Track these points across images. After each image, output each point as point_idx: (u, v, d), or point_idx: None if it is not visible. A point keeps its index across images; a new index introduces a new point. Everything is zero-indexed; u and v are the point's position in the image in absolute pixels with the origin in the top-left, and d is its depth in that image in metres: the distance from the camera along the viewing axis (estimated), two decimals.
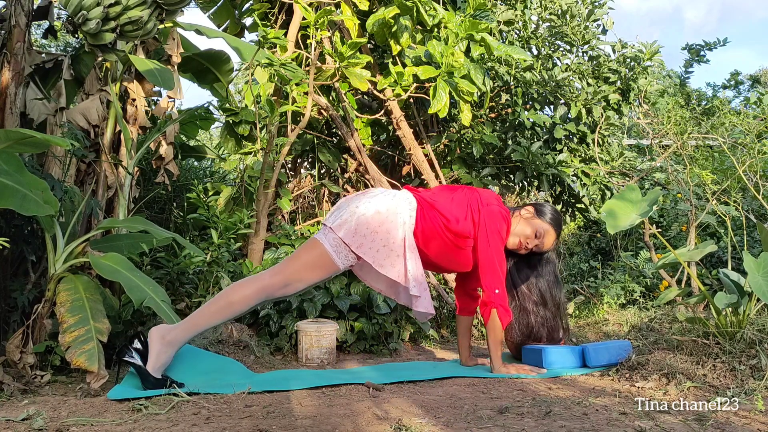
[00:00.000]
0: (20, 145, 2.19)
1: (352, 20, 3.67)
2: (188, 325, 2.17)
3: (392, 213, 2.29)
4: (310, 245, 2.30)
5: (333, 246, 2.26)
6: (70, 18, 2.36)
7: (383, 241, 2.26)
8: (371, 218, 2.26)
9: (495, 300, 2.37)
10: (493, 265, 2.37)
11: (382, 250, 2.26)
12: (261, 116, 3.64)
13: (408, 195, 2.39)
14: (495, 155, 4.52)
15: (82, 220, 3.01)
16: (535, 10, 4.57)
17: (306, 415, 1.69)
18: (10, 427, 1.61)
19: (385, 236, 2.26)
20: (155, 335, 2.13)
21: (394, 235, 2.28)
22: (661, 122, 4.23)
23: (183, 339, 2.17)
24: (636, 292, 4.26)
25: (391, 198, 2.35)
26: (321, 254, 2.26)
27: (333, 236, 2.26)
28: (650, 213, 2.36)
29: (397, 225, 2.29)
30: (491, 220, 2.38)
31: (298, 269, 2.25)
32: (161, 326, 2.16)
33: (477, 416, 1.69)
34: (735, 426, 1.54)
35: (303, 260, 2.27)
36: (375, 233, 2.25)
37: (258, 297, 2.22)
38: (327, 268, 2.27)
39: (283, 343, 3.00)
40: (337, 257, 2.26)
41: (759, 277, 2.09)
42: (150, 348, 2.11)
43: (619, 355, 2.37)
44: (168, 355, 2.13)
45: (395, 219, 2.29)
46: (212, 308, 2.19)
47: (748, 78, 13.56)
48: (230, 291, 2.22)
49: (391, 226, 2.28)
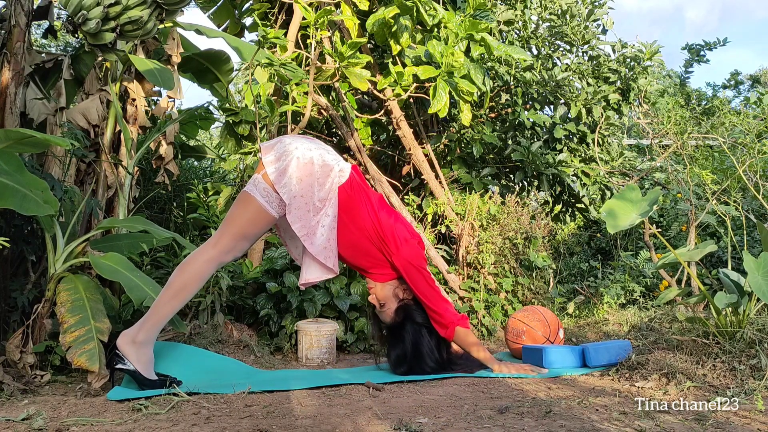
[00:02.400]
0: (20, 144, 2.19)
1: (352, 20, 3.67)
2: (153, 320, 2.14)
3: (325, 171, 2.22)
4: (242, 201, 2.23)
5: (264, 196, 2.20)
6: (70, 18, 2.36)
7: (302, 191, 2.19)
8: (303, 164, 2.19)
9: (451, 319, 2.38)
10: (432, 296, 2.36)
11: (298, 198, 2.18)
12: (261, 116, 3.64)
13: (345, 165, 2.31)
14: (495, 155, 4.52)
15: (82, 220, 3.01)
16: (535, 10, 4.57)
17: (306, 415, 1.69)
18: (10, 427, 1.61)
19: (307, 188, 2.19)
20: (124, 342, 2.10)
21: (315, 191, 2.20)
22: (661, 122, 4.22)
23: (153, 334, 2.15)
24: (636, 291, 4.26)
25: (332, 158, 2.28)
26: (255, 209, 2.20)
27: (264, 186, 2.20)
28: (650, 213, 2.36)
29: (324, 184, 2.22)
30: (413, 261, 2.34)
31: (239, 229, 2.21)
32: (124, 333, 2.13)
33: (477, 416, 1.69)
34: (735, 426, 1.54)
35: (241, 219, 2.22)
36: (300, 180, 2.19)
37: (209, 268, 2.20)
38: (264, 219, 2.22)
39: (283, 343, 3.00)
40: (269, 207, 2.20)
41: (759, 277, 2.09)
42: (126, 356, 2.09)
43: (619, 355, 2.37)
44: (148, 354, 2.12)
45: (325, 179, 2.21)
46: (169, 295, 2.15)
47: (748, 78, 13.56)
48: (180, 272, 2.18)
49: (318, 183, 2.20)
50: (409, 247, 2.35)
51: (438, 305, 2.38)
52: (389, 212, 2.39)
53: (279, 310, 3.10)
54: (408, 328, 2.41)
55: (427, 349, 2.41)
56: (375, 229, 2.31)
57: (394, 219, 2.38)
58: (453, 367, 2.44)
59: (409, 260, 2.34)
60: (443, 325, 2.39)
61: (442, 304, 2.39)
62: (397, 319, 2.42)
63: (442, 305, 2.38)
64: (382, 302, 2.42)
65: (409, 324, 2.41)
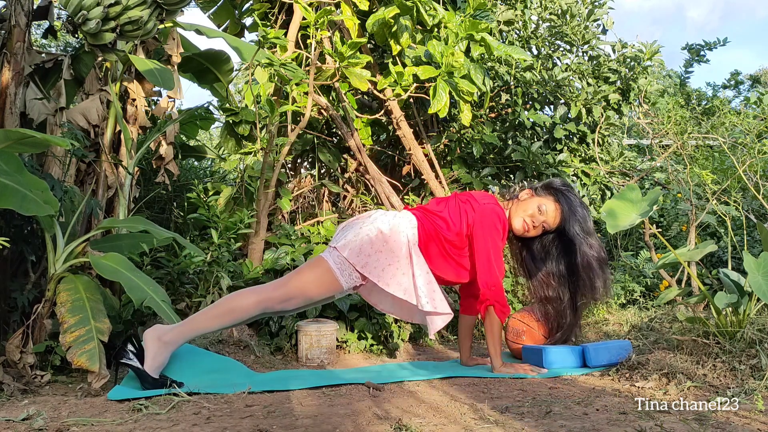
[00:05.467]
0: (20, 145, 2.19)
1: (352, 20, 3.67)
2: (186, 327, 2.16)
3: (395, 231, 2.31)
4: (314, 262, 2.31)
5: (337, 264, 2.27)
6: (70, 18, 2.36)
7: (388, 260, 2.27)
8: (375, 238, 2.27)
9: (491, 297, 2.36)
10: (488, 261, 2.35)
11: (387, 269, 2.26)
12: (261, 116, 3.64)
13: (407, 213, 2.42)
14: (495, 155, 4.52)
15: (82, 220, 3.01)
16: (535, 10, 4.57)
17: (306, 415, 1.69)
18: (10, 427, 1.61)
19: (389, 255, 2.27)
20: (151, 336, 2.12)
21: (398, 253, 2.29)
22: (661, 122, 4.22)
23: (180, 340, 2.17)
24: (636, 291, 4.26)
25: (392, 217, 2.37)
26: (325, 272, 2.27)
27: (337, 254, 2.27)
28: (650, 213, 2.36)
29: (400, 243, 2.30)
30: (486, 217, 2.37)
31: (301, 285, 2.25)
32: (156, 327, 2.16)
33: (477, 416, 1.69)
34: (735, 426, 1.54)
35: (306, 277, 2.27)
36: (379, 252, 2.27)
37: (258, 309, 2.22)
38: (330, 286, 2.28)
39: (283, 343, 3.00)
40: (341, 276, 2.26)
41: (759, 277, 2.09)
42: (146, 349, 2.10)
43: (619, 355, 2.37)
44: (165, 356, 2.13)
45: (398, 237, 2.30)
46: (212, 313, 2.19)
47: (748, 78, 13.55)
48: (232, 299, 2.22)
49: (395, 245, 2.29)
50: (479, 212, 2.37)
51: (489, 277, 2.34)
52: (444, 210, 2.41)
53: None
54: (569, 231, 2.43)
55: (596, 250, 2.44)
56: (447, 253, 2.39)
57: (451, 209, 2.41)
58: None
59: (476, 222, 2.36)
60: (481, 299, 2.37)
61: (493, 279, 2.35)
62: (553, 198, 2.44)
63: (493, 280, 2.35)
64: (539, 209, 2.43)
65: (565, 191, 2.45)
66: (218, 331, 2.46)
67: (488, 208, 2.39)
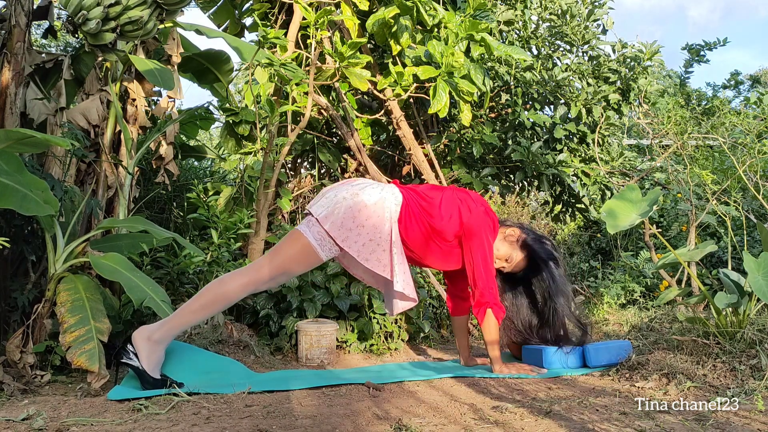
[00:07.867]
0: (20, 145, 2.19)
1: (352, 20, 3.67)
2: (174, 323, 2.15)
3: (379, 207, 2.27)
4: (293, 238, 2.27)
5: (317, 239, 2.24)
6: (70, 18, 2.36)
7: (369, 235, 2.25)
8: (358, 212, 2.24)
9: (488, 299, 2.36)
10: (482, 263, 2.36)
11: (368, 244, 2.25)
12: (261, 116, 3.64)
13: (394, 189, 2.37)
14: (495, 155, 4.52)
15: (82, 220, 3.01)
16: (535, 10, 4.57)
17: (306, 415, 1.69)
18: (10, 427, 1.61)
19: (371, 230, 2.25)
20: (140, 337, 2.12)
21: (381, 229, 2.26)
22: (661, 122, 4.22)
23: (170, 337, 2.16)
24: (636, 292, 4.26)
25: (379, 191, 2.32)
26: (304, 246, 2.25)
27: (318, 229, 2.24)
28: (650, 213, 2.36)
29: (383, 219, 2.27)
30: (480, 220, 2.37)
31: (282, 263, 2.24)
32: (143, 328, 2.15)
33: (477, 416, 1.69)
34: (735, 426, 1.54)
35: (287, 253, 2.26)
36: (361, 227, 2.24)
37: (244, 292, 2.24)
38: (310, 259, 2.27)
39: (283, 343, 3.00)
40: (321, 250, 2.25)
41: (759, 277, 2.09)
42: (138, 351, 2.10)
43: (619, 355, 2.37)
44: (159, 354, 2.13)
45: (382, 213, 2.27)
46: (197, 304, 2.17)
47: (748, 78, 13.56)
48: (216, 287, 2.20)
49: (378, 221, 2.26)
50: (474, 215, 2.37)
51: (484, 281, 2.36)
52: (437, 199, 2.39)
53: (279, 310, 3.10)
54: (540, 267, 2.51)
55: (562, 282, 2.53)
56: (430, 239, 2.36)
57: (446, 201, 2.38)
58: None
59: (470, 225, 2.36)
60: (478, 302, 2.38)
61: (488, 282, 2.37)
62: (527, 261, 2.51)
63: (488, 283, 2.37)
64: (506, 258, 2.49)
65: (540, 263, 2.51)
66: (205, 320, 2.46)
67: (482, 213, 2.40)
